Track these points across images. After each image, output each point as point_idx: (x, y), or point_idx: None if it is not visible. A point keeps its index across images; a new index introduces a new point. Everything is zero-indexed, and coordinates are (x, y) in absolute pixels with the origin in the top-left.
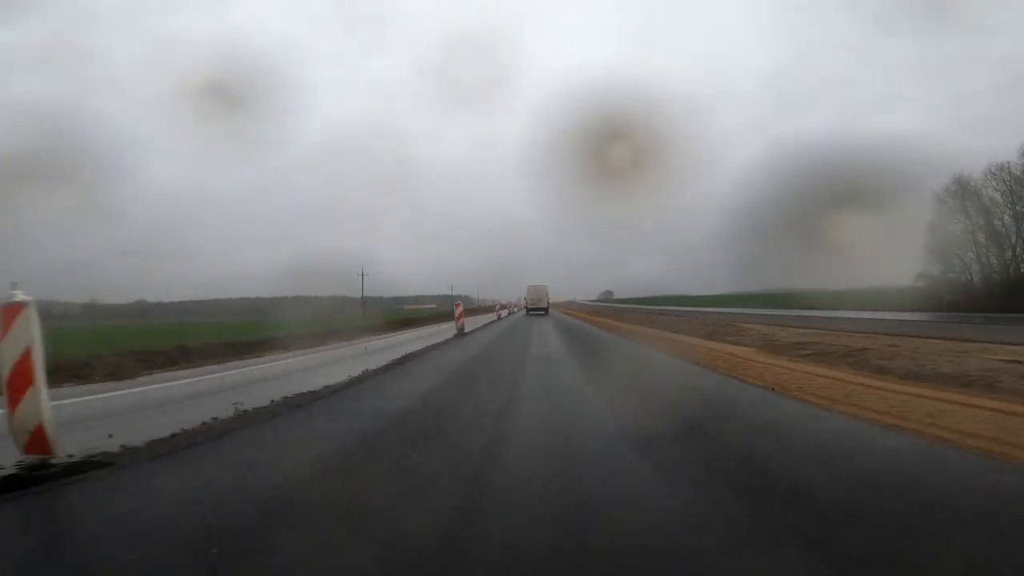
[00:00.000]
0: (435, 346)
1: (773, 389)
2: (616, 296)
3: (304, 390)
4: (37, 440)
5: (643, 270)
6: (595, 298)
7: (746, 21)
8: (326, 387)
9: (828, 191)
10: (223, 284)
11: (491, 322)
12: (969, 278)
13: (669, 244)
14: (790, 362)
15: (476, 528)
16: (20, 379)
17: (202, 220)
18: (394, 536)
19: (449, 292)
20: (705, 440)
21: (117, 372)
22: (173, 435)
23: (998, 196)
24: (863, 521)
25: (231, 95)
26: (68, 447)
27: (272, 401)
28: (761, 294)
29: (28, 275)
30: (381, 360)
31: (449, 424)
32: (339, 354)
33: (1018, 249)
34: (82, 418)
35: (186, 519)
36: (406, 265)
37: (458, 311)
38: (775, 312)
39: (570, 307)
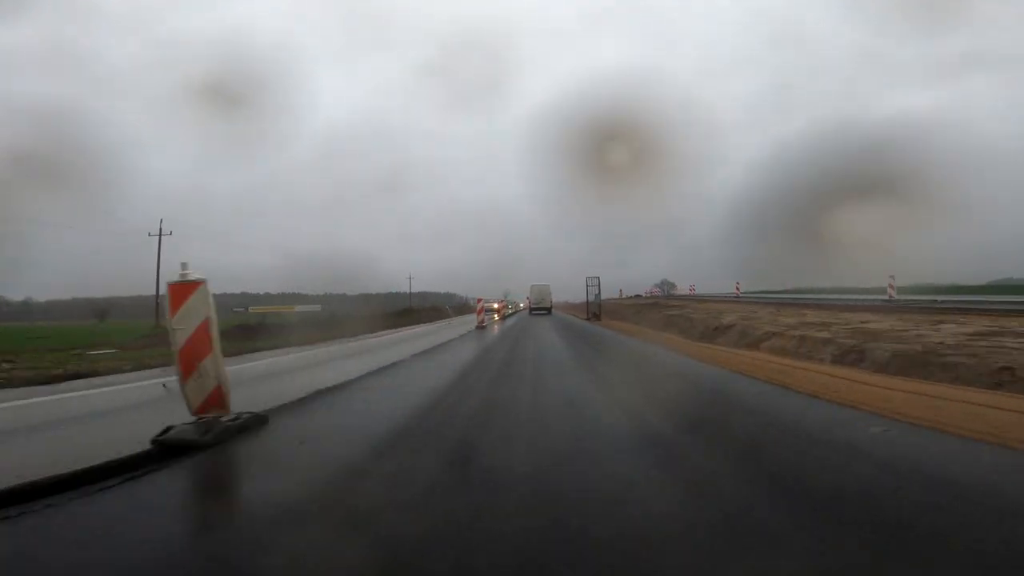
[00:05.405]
0: None
1: None
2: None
3: None
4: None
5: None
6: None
7: (747, 24)
8: None
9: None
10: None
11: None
12: None
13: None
14: None
15: None
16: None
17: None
18: None
19: (445, 290)
20: None
21: None
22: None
23: None
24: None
25: (231, 94)
26: None
27: None
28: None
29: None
30: None
31: None
32: None
33: None
34: None
35: None
36: (405, 263)
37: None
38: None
39: (569, 309)
